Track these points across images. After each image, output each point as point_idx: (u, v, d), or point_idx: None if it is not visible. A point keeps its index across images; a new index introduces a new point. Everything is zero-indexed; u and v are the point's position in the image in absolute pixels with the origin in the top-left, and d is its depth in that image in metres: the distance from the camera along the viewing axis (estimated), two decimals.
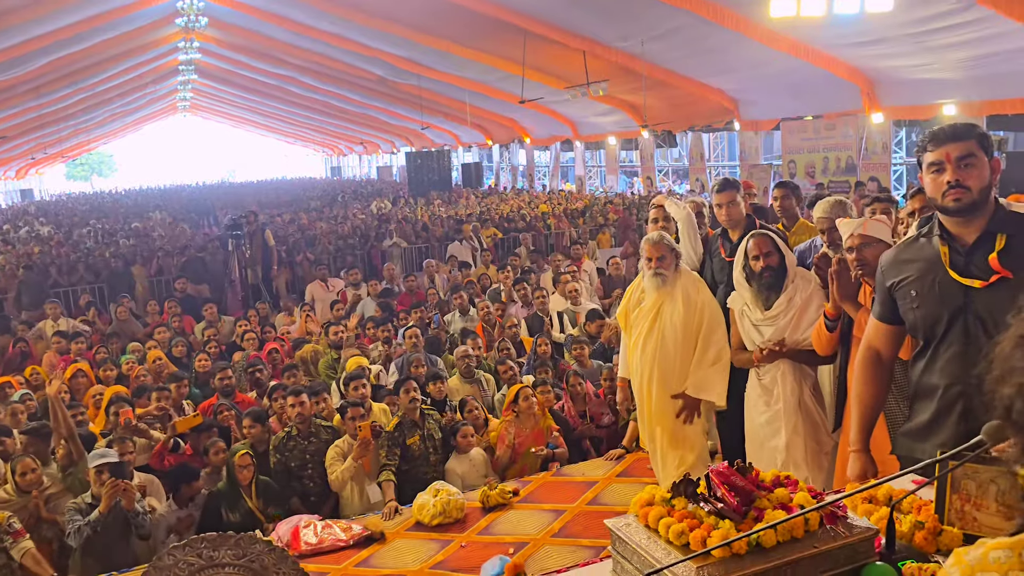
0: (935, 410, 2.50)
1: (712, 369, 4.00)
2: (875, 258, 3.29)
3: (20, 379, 7.30)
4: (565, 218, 17.11)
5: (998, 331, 1.10)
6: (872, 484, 1.69)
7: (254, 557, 1.65)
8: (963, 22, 10.29)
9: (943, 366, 2.47)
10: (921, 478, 2.07)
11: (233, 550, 1.67)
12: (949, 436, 2.41)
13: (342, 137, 45.61)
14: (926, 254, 2.50)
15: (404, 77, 23.31)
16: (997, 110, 12.16)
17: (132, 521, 4.46)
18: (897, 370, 3.05)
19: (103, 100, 29.24)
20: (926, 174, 2.43)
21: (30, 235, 19.60)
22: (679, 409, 4.04)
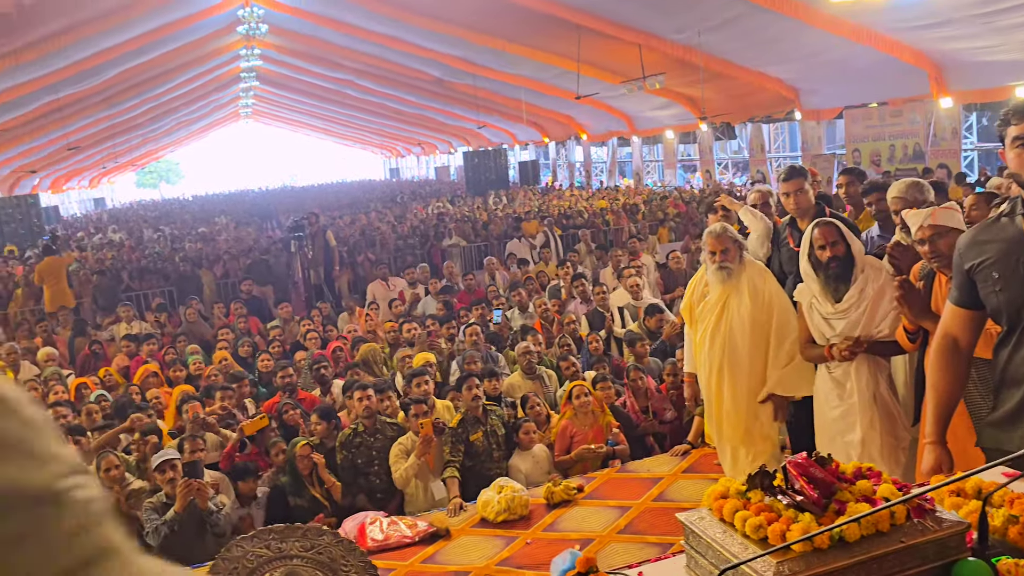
0: (1021, 398, 2.37)
1: (795, 364, 3.89)
2: (949, 248, 3.15)
3: (95, 380, 7.54)
4: (624, 213, 16.96)
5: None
6: (960, 476, 1.61)
7: (322, 549, 1.66)
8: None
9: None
10: (1013, 471, 1.97)
11: (301, 541, 1.67)
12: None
13: (400, 139, 46.05)
14: (1008, 234, 2.37)
15: (459, 77, 23.41)
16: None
17: (207, 520, 4.54)
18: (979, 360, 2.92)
19: (169, 109, 30.06)
20: (1009, 149, 2.30)
21: (103, 242, 20.26)
22: (773, 410, 3.94)
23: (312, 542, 1.69)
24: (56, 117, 20.94)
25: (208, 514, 4.54)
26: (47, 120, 21.32)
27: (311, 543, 1.69)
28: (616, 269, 9.99)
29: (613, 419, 5.52)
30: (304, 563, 1.58)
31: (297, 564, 1.57)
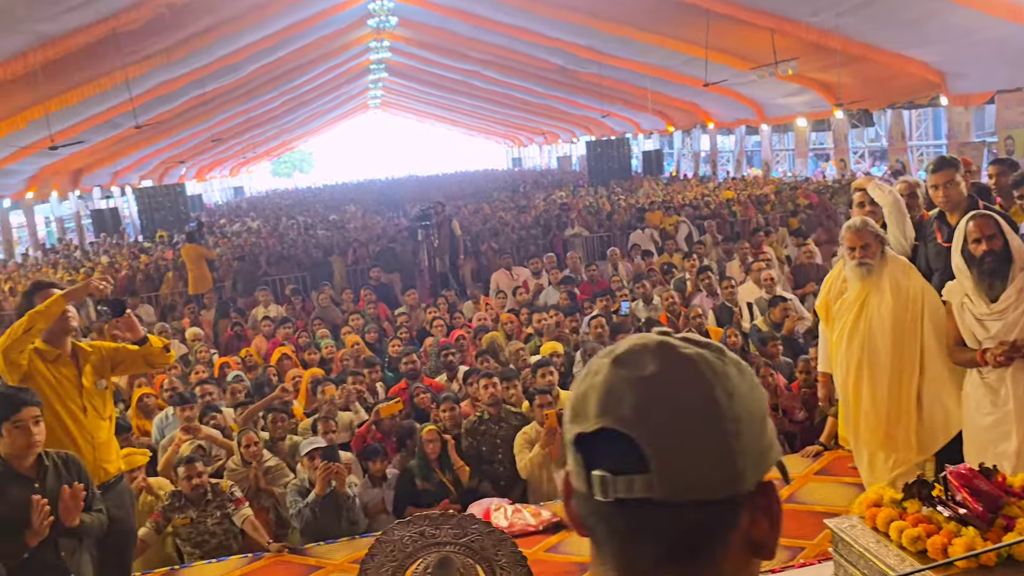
0: None
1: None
2: None
3: (237, 360, 7.97)
4: (751, 204, 16.46)
5: None
6: None
7: (474, 537, 1.69)
8: None
9: None
10: None
11: (455, 529, 1.71)
12: None
13: (523, 128, 46.31)
14: None
15: (584, 66, 23.29)
16: None
17: (343, 504, 4.72)
18: None
19: (303, 101, 31.34)
20: None
21: (242, 228, 21.37)
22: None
23: (465, 530, 1.73)
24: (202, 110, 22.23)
25: (345, 499, 4.71)
26: (194, 113, 22.67)
27: (464, 531, 1.73)
28: (743, 262, 9.72)
29: None
30: (456, 550, 1.62)
31: (450, 551, 1.61)
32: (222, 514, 4.81)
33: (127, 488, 3.85)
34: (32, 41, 11.99)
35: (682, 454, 0.76)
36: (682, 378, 0.78)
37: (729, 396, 0.78)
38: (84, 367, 3.65)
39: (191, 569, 4.62)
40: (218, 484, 4.90)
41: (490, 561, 1.60)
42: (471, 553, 1.65)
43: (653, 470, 0.76)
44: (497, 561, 1.62)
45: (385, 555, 1.70)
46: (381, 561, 1.70)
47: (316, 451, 4.78)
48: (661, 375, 0.78)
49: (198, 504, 4.79)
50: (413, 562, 1.64)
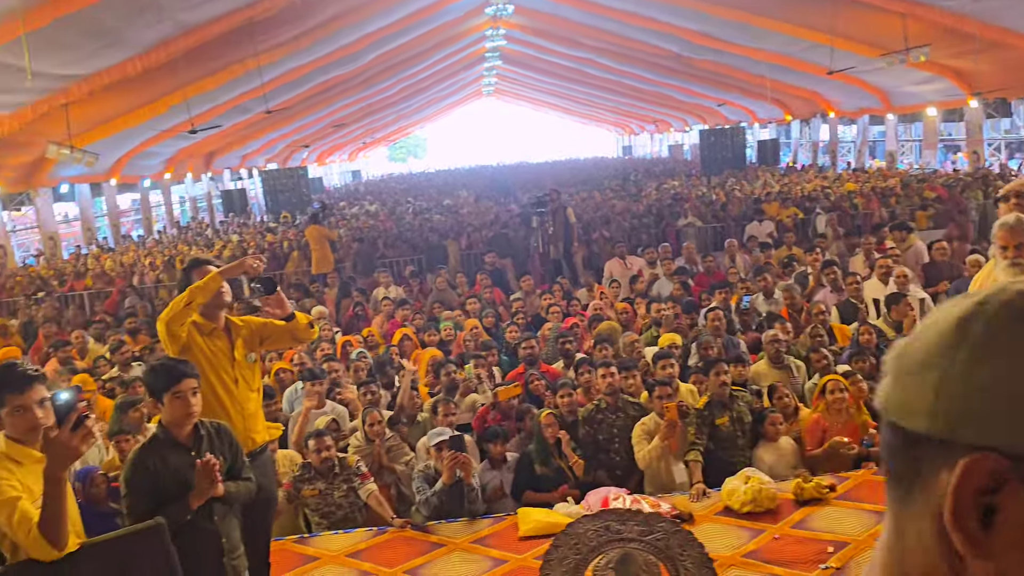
0: None
1: None
2: None
3: (359, 338, 8.24)
4: (875, 197, 15.77)
5: None
6: None
7: (660, 536, 1.71)
8: None
9: None
10: None
11: (641, 526, 1.73)
12: None
13: (634, 116, 45.81)
14: None
15: (700, 52, 22.80)
16: None
17: (467, 495, 4.83)
18: None
19: (420, 88, 31.96)
20: None
21: (360, 211, 22.01)
22: None
23: (651, 527, 1.75)
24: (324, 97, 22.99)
25: (470, 489, 4.81)
26: (317, 99, 23.47)
27: (650, 528, 1.74)
28: (868, 257, 9.33)
29: (870, 419, 5.20)
30: (641, 547, 1.64)
31: (634, 547, 1.63)
32: (348, 487, 5.00)
33: (270, 457, 4.06)
34: (174, 30, 12.68)
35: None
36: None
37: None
38: (236, 341, 3.86)
39: (319, 538, 4.83)
40: (345, 458, 5.10)
41: (674, 561, 1.61)
42: (656, 551, 1.66)
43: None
44: (682, 561, 1.63)
45: (569, 547, 1.73)
46: (565, 553, 1.74)
47: (443, 443, 4.88)
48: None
49: (326, 476, 5.00)
50: (596, 556, 1.66)
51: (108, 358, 8.05)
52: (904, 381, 0.65)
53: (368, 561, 4.49)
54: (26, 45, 8.96)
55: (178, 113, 16.07)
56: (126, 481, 3.08)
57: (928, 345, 0.64)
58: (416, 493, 4.90)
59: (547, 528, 4.57)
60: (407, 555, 4.52)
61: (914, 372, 0.64)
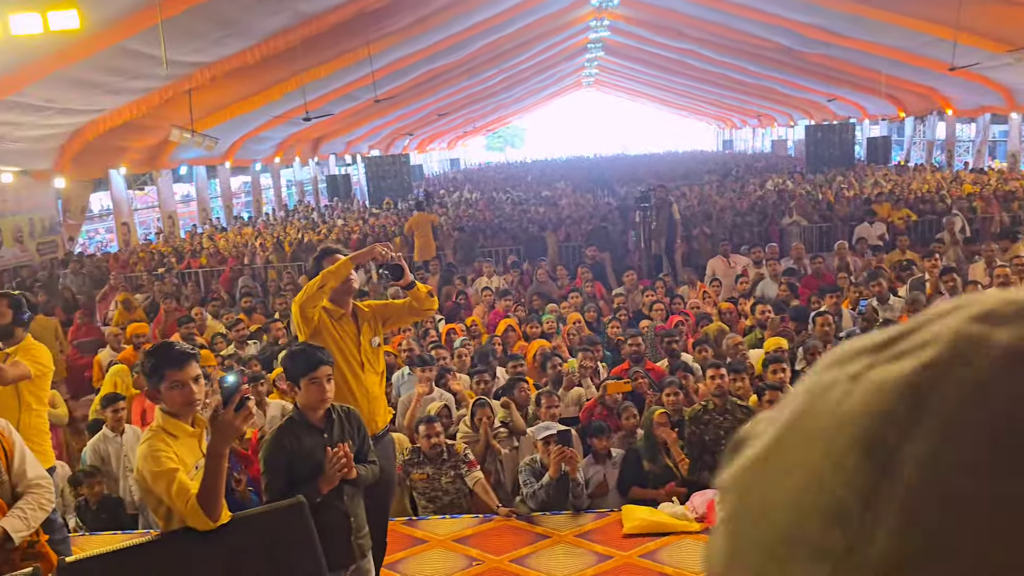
0: None
1: None
2: None
3: (462, 327, 8.37)
4: (996, 201, 15.00)
5: None
6: None
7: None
8: None
9: None
10: None
11: None
12: None
13: (736, 110, 44.83)
14: None
15: (811, 46, 22.12)
16: None
17: (572, 490, 4.89)
18: None
19: (521, 79, 32.12)
20: None
21: (460, 200, 22.32)
22: None
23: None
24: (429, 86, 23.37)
25: (575, 485, 4.87)
26: (422, 88, 23.89)
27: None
28: (990, 265, 8.91)
29: None
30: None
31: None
32: (455, 474, 5.13)
33: (391, 440, 4.20)
34: (292, 20, 13.12)
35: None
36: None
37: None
38: (363, 326, 4.01)
39: (427, 521, 4.98)
40: (453, 445, 5.23)
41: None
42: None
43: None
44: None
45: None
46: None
47: (551, 437, 4.95)
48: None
49: (435, 462, 5.14)
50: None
51: (225, 335, 8.43)
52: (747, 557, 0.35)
53: (475, 547, 4.61)
54: (162, 34, 9.44)
55: (292, 100, 16.64)
56: (264, 460, 3.25)
57: (804, 483, 0.33)
58: (523, 486, 4.98)
59: (651, 527, 4.58)
60: (513, 544, 4.62)
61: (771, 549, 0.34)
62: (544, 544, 4.60)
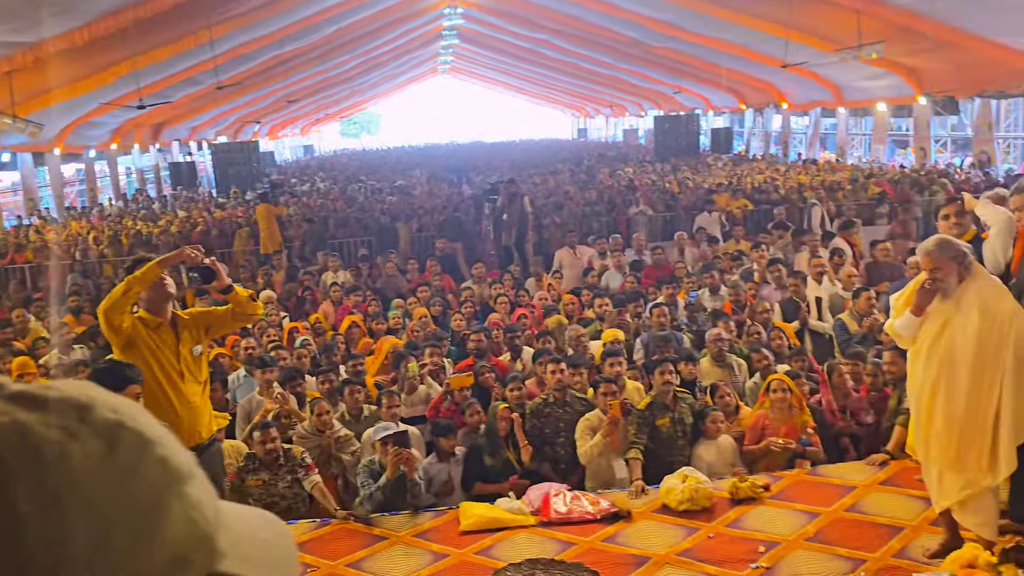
0: None
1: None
2: None
3: (306, 325, 8.16)
4: (824, 191, 16.06)
5: None
6: None
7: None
8: None
9: None
10: None
11: (563, 573, 1.79)
12: None
13: (590, 99, 45.88)
14: None
15: (659, 40, 22.93)
16: None
17: (410, 490, 4.87)
18: None
19: (375, 64, 31.56)
20: None
21: (312, 189, 21.73)
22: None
23: (571, 574, 1.81)
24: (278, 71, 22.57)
25: (412, 484, 4.85)
26: (271, 73, 23.05)
27: (569, 575, 1.80)
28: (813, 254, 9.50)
29: (811, 419, 5.35)
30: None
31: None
32: (293, 478, 5.01)
33: (219, 450, 4.05)
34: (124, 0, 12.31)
35: None
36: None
37: (50, 496, 0.47)
38: (182, 334, 3.83)
39: None
40: (290, 450, 5.09)
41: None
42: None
43: None
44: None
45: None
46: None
47: (388, 437, 4.90)
48: None
49: (271, 467, 4.99)
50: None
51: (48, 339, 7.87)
52: None
53: (310, 553, 4.51)
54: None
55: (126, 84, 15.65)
56: None
57: None
58: (360, 488, 4.91)
59: (488, 523, 4.63)
60: (350, 548, 4.55)
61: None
62: (381, 546, 4.55)
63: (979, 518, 3.71)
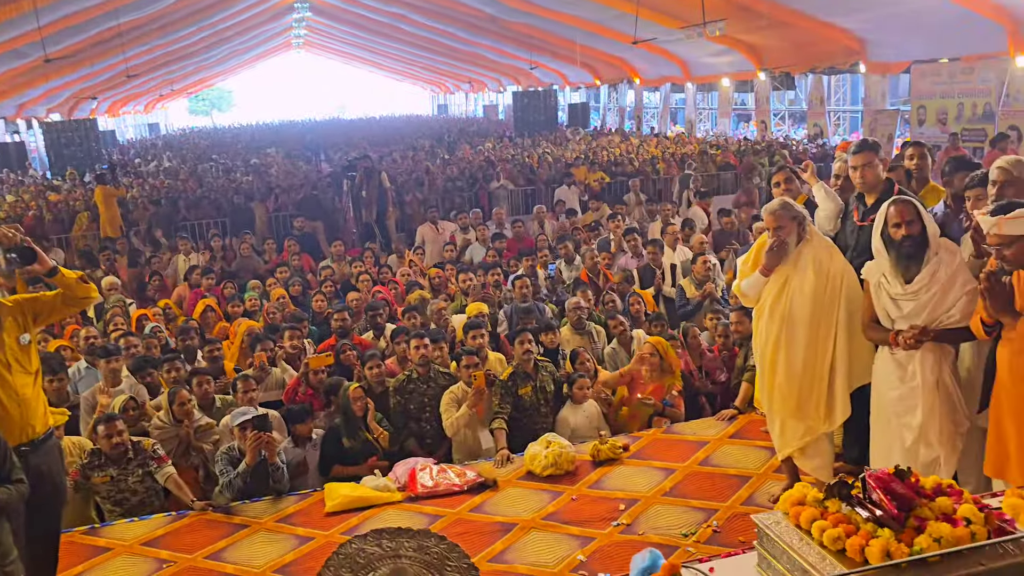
0: None
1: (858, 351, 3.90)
2: (1019, 255, 3.10)
3: (156, 311, 7.74)
4: (675, 163, 16.69)
5: None
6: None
7: (429, 549, 1.74)
8: None
9: None
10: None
11: (410, 542, 1.76)
12: None
13: (449, 75, 45.63)
14: None
15: (514, 15, 23.04)
16: None
17: (272, 474, 4.71)
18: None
19: (224, 38, 30.14)
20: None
21: (158, 168, 20.58)
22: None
23: (420, 543, 1.78)
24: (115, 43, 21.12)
25: (274, 469, 4.70)
26: (107, 46, 21.54)
27: (419, 543, 1.77)
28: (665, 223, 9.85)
29: (679, 383, 5.56)
30: (412, 562, 1.66)
31: (405, 563, 1.66)
32: (143, 472, 4.75)
33: (56, 444, 3.78)
34: None
35: None
36: None
37: None
38: (5, 322, 3.53)
39: (113, 527, 4.56)
40: (140, 442, 4.83)
41: (443, 571, 1.66)
42: (426, 565, 1.70)
43: None
44: (450, 571, 1.68)
45: (340, 566, 1.73)
46: (337, 573, 1.73)
47: (247, 422, 4.72)
48: None
49: (119, 462, 4.72)
50: (368, 573, 1.67)
51: None
52: None
53: (166, 548, 4.31)
54: None
55: None
56: None
57: None
58: (220, 476, 4.72)
59: (354, 502, 4.57)
60: (209, 539, 4.38)
61: None
62: (243, 534, 4.40)
63: (816, 462, 4.05)
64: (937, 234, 3.57)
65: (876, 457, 3.85)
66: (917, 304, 3.52)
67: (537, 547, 3.98)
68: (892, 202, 3.60)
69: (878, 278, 3.66)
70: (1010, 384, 3.24)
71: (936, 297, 3.48)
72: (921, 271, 3.51)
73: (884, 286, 3.63)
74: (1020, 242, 3.10)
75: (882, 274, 3.63)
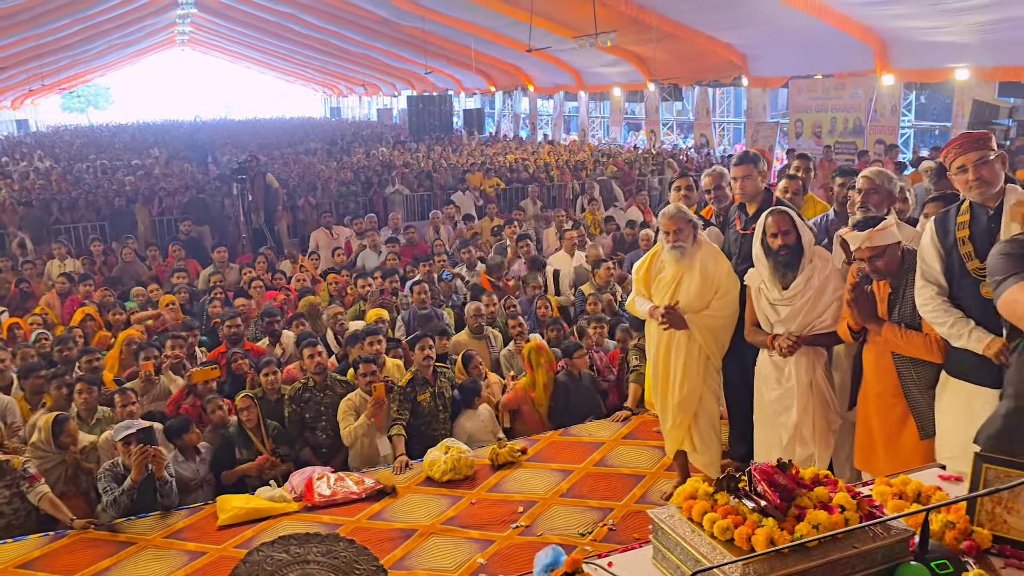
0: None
1: (720, 320, 4.10)
2: (890, 263, 3.35)
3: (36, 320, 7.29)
4: (568, 170, 16.99)
5: None
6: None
7: (337, 554, 1.73)
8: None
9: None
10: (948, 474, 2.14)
11: (319, 547, 1.74)
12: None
13: (343, 78, 44.98)
14: None
15: (408, 19, 22.92)
16: (1010, 76, 12.08)
17: (159, 489, 4.53)
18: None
19: (101, 31, 28.68)
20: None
21: (29, 168, 19.44)
22: (665, 313, 4.05)
23: (329, 547, 1.76)
24: None
25: (162, 483, 4.52)
26: None
27: (328, 548, 1.76)
28: (559, 229, 10.01)
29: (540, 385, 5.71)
30: (320, 567, 1.65)
31: (313, 568, 1.64)
32: (12, 493, 4.49)
33: None
34: None
35: None
36: None
37: None
38: None
39: None
40: (8, 461, 4.55)
41: (351, 574, 1.65)
42: (334, 569, 1.69)
43: None
44: (359, 574, 1.68)
45: (248, 574, 1.70)
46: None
47: (131, 436, 4.52)
48: None
49: None
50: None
51: None
52: None
53: (43, 571, 4.09)
54: None
55: None
56: None
57: None
58: (103, 493, 4.51)
59: (248, 514, 4.46)
60: (91, 558, 4.19)
61: None
62: (128, 552, 4.23)
63: (706, 458, 4.23)
64: (812, 242, 3.80)
65: (759, 455, 4.06)
66: (792, 309, 3.74)
67: (437, 552, 4.00)
68: (770, 212, 3.81)
69: (759, 284, 3.87)
70: (875, 383, 3.51)
71: (810, 303, 3.71)
72: (797, 278, 3.73)
73: (764, 292, 3.84)
74: (891, 250, 3.35)
75: (762, 280, 3.84)
